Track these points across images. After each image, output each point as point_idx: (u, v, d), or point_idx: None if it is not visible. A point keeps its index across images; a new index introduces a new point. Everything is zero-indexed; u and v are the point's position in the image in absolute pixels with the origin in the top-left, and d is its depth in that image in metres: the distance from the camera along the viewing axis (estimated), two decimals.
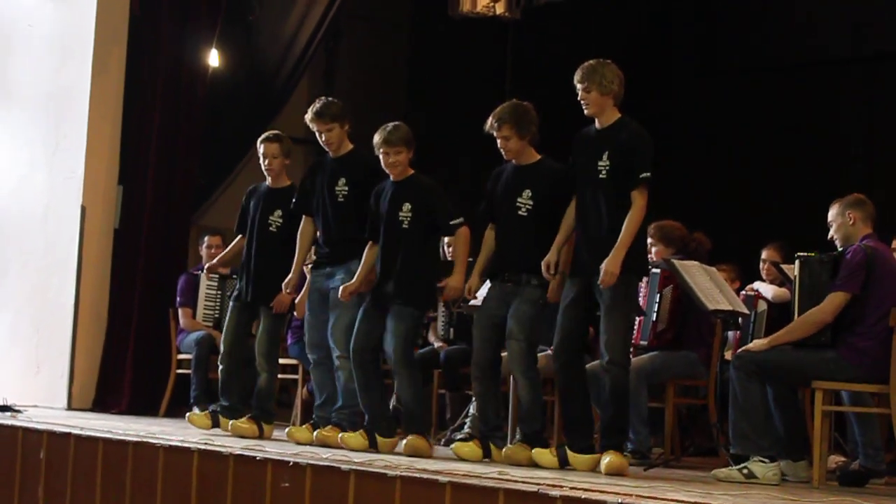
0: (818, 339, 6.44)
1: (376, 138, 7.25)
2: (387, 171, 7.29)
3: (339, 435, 7.26)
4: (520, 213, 6.83)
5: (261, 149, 8.07)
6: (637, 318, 7.62)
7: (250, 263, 8.05)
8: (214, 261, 8.55)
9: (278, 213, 8.01)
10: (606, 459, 6.33)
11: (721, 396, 7.15)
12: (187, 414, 8.29)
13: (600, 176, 6.47)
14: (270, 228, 8.02)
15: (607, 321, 6.42)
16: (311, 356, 7.70)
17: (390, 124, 7.27)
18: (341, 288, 7.35)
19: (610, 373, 6.43)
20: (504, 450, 6.76)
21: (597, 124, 6.60)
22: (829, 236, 6.71)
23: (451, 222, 7.23)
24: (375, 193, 7.37)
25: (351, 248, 7.47)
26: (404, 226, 7.20)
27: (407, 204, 7.21)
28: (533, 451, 6.57)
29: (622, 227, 6.37)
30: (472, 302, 7.71)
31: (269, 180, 8.12)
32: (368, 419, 7.26)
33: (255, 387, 7.98)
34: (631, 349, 7.66)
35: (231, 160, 10.76)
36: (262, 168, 8.10)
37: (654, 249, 7.84)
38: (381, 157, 7.26)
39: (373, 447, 7.13)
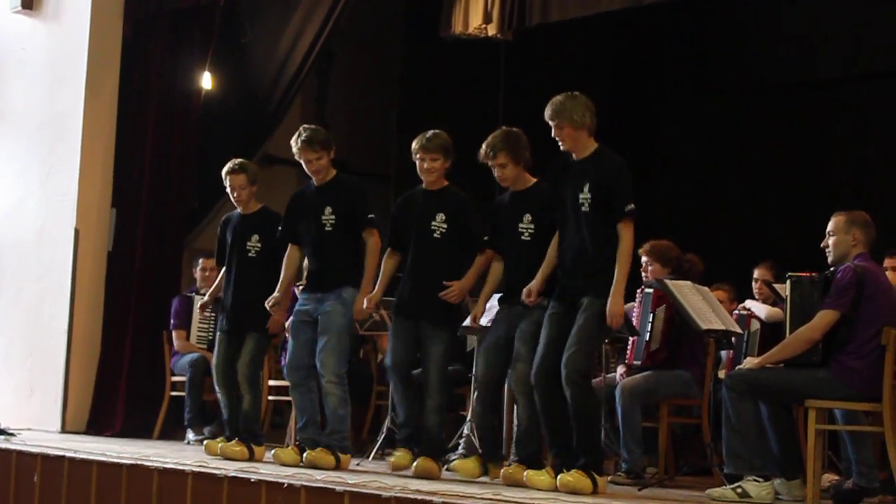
0: (810, 358, 6.45)
1: (414, 144, 7.26)
2: (421, 178, 7.29)
3: (391, 459, 7.22)
4: (523, 238, 6.85)
5: (227, 181, 8.06)
6: (630, 339, 7.64)
7: (234, 292, 8.01)
8: (206, 298, 8.48)
9: (255, 238, 8.00)
10: (560, 476, 6.30)
11: (715, 416, 7.15)
12: (205, 443, 8.17)
13: (583, 209, 6.47)
14: (250, 255, 8.00)
15: (575, 337, 6.38)
16: (291, 379, 7.64)
17: (430, 132, 7.26)
18: (365, 300, 7.33)
19: (568, 391, 6.36)
20: (502, 471, 6.75)
21: (574, 156, 6.61)
22: (823, 245, 6.67)
23: (485, 237, 7.15)
24: (403, 202, 7.38)
25: (342, 276, 7.48)
26: (436, 236, 7.18)
27: (441, 214, 7.18)
28: (526, 473, 6.54)
29: (606, 254, 6.37)
30: (466, 323, 7.71)
31: (239, 208, 8.14)
32: (408, 434, 7.22)
33: (240, 411, 7.95)
34: (623, 370, 7.73)
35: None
36: (231, 199, 8.12)
37: (650, 269, 7.85)
38: (416, 163, 7.26)
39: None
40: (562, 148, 6.60)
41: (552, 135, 6.58)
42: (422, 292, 7.16)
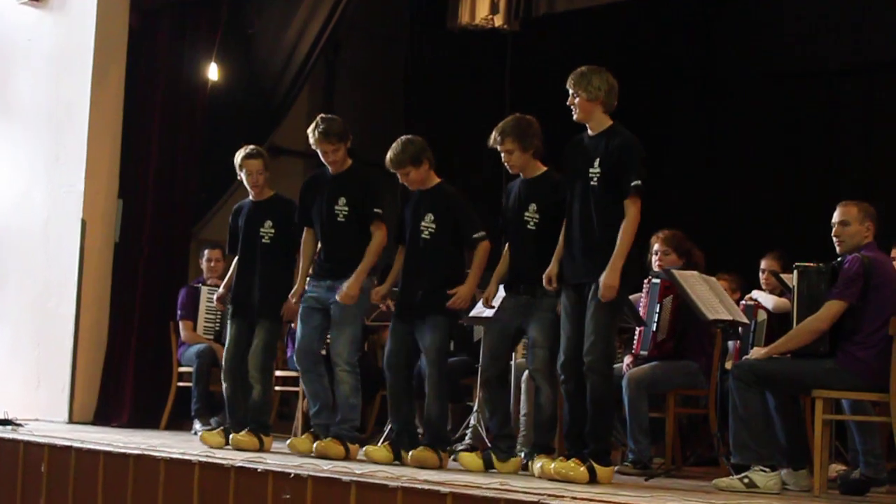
0: (817, 348, 6.44)
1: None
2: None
3: (364, 449, 7.29)
4: (528, 226, 6.84)
5: (244, 167, 8.06)
6: (637, 329, 7.63)
7: (248, 279, 8.01)
8: (221, 290, 8.41)
9: (268, 224, 8.00)
10: (574, 467, 6.26)
11: (721, 406, 7.15)
12: (200, 433, 8.25)
13: (591, 183, 6.45)
14: (263, 240, 8.00)
15: (591, 326, 6.36)
16: (300, 365, 7.65)
17: (397, 144, 7.28)
18: (373, 292, 7.40)
19: (588, 379, 6.37)
20: (541, 464, 6.67)
21: (588, 131, 6.59)
22: (835, 234, 6.60)
23: (474, 235, 7.19)
24: (403, 199, 7.41)
25: (354, 264, 7.48)
26: (424, 236, 7.20)
27: (430, 214, 7.21)
28: (538, 458, 6.59)
29: (612, 234, 6.34)
30: (473, 313, 7.71)
31: (252, 195, 8.13)
32: (396, 433, 7.29)
33: (250, 400, 7.95)
34: (630, 360, 7.71)
35: (231, 173, 10.74)
36: (247, 185, 8.11)
37: (666, 258, 7.84)
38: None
39: (397, 460, 7.16)
40: (574, 117, 6.56)
41: (567, 103, 6.54)
42: (414, 294, 7.20)
